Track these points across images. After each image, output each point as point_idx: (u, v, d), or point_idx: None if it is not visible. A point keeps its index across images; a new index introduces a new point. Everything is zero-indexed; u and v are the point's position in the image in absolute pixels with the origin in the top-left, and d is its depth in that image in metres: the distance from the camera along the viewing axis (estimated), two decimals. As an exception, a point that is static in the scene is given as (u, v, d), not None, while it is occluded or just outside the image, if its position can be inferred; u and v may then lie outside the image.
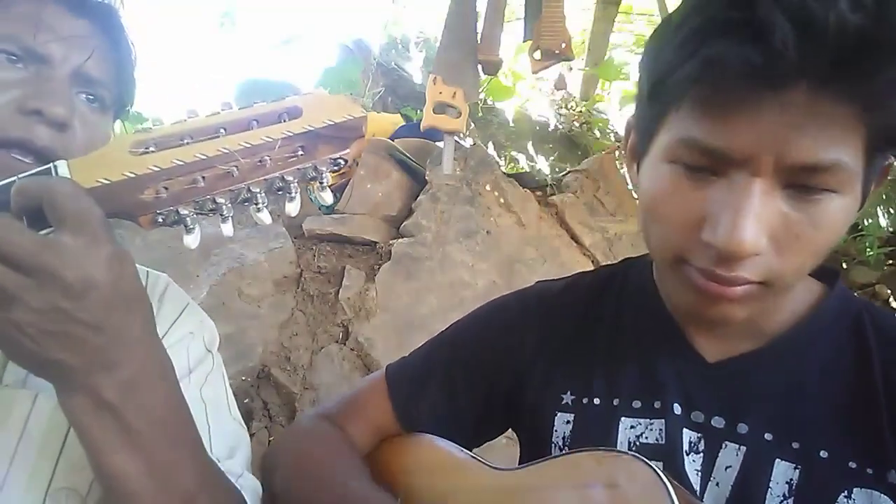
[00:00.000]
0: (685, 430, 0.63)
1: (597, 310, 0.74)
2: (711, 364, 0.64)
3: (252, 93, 2.88)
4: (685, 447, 0.62)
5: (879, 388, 0.59)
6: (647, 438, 0.64)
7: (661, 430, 0.64)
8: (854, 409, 0.59)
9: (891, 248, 3.00)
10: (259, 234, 2.21)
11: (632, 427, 0.65)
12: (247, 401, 1.96)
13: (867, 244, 2.99)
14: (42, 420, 0.61)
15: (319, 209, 2.39)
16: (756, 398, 0.62)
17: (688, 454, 0.62)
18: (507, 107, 3.92)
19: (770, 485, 0.59)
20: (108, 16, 0.67)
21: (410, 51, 3.84)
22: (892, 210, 3.29)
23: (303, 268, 2.25)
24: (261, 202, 0.49)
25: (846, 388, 0.60)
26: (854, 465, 0.57)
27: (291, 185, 0.49)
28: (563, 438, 0.69)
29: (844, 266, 2.92)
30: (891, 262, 3.02)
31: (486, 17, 2.42)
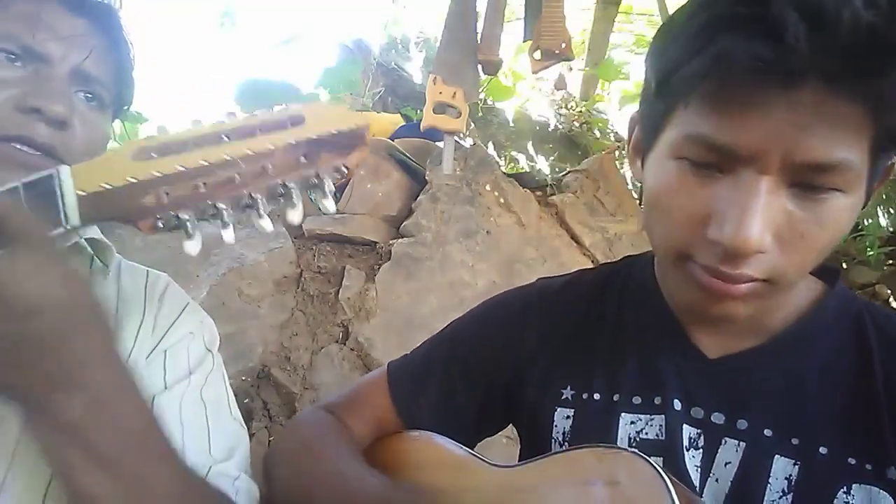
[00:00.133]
0: (685, 426, 0.63)
1: (598, 307, 0.74)
2: (712, 360, 0.64)
3: (252, 93, 2.87)
4: (685, 443, 0.62)
5: (879, 386, 0.59)
6: (648, 434, 0.64)
7: (662, 426, 0.64)
8: (854, 406, 0.59)
9: (891, 248, 3.00)
10: (259, 235, 2.21)
11: (632, 423, 0.65)
12: (247, 401, 1.96)
13: (867, 244, 2.99)
14: None
15: (319, 209, 2.39)
16: (756, 394, 0.62)
17: (687, 450, 0.62)
18: (507, 107, 3.91)
19: (769, 481, 0.59)
20: (107, 15, 0.67)
21: (410, 51, 3.84)
22: (892, 210, 3.29)
23: (303, 268, 2.25)
24: (262, 209, 0.49)
25: (846, 385, 0.60)
26: (853, 462, 0.57)
27: (293, 193, 0.49)
28: (563, 434, 0.69)
29: (844, 266, 2.92)
30: (891, 262, 3.02)
31: (486, 17, 2.42)
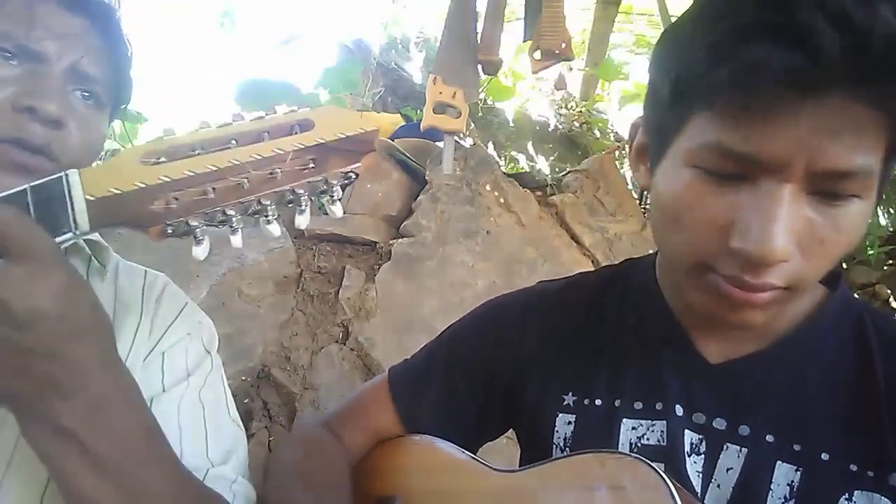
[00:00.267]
0: (687, 432, 0.63)
1: (599, 310, 0.73)
2: (714, 365, 0.64)
3: (252, 93, 2.87)
4: (687, 449, 0.62)
5: (881, 391, 0.59)
6: (649, 440, 0.64)
7: (663, 432, 0.63)
8: (855, 412, 0.59)
9: (891, 248, 3.00)
10: (259, 235, 2.20)
11: (633, 428, 0.65)
12: (247, 401, 1.96)
13: (867, 244, 2.98)
14: None
15: (319, 209, 2.39)
16: (758, 400, 0.61)
17: (689, 456, 0.62)
18: (507, 107, 3.91)
19: (771, 487, 0.58)
20: (104, 13, 0.67)
21: (410, 51, 3.84)
22: (892, 210, 3.29)
23: (303, 268, 2.25)
24: (270, 214, 0.49)
25: (848, 391, 0.60)
26: (855, 468, 0.57)
27: (302, 198, 0.49)
28: (565, 439, 0.69)
29: (844, 266, 2.91)
30: (891, 262, 3.02)
31: (486, 17, 2.42)
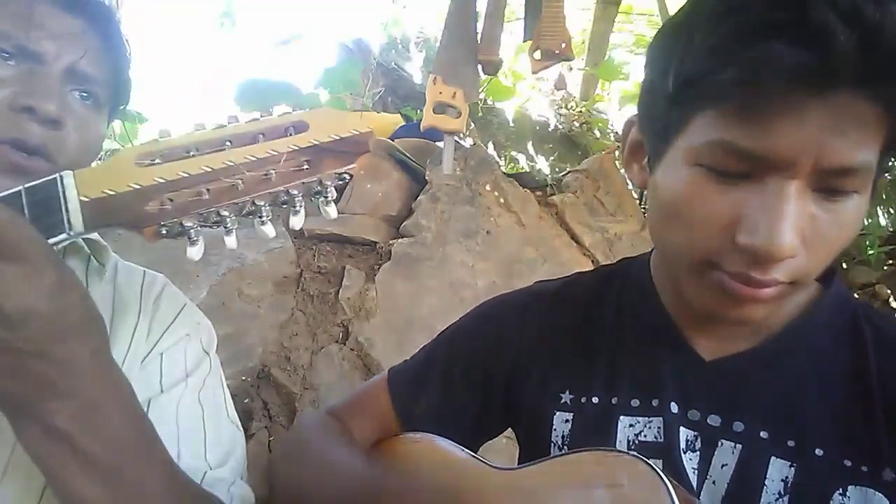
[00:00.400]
0: (682, 429, 0.63)
1: (595, 309, 0.74)
2: (708, 362, 0.64)
3: (252, 93, 2.87)
4: (682, 445, 0.62)
5: (875, 387, 0.59)
6: (646, 437, 0.64)
7: (660, 428, 0.64)
8: (849, 408, 0.59)
9: (891, 248, 3.00)
10: (258, 235, 2.20)
11: (631, 425, 0.65)
12: (247, 401, 1.96)
13: (867, 244, 2.99)
14: None
15: (318, 209, 2.39)
16: (752, 396, 0.62)
17: (685, 452, 0.62)
18: (507, 107, 3.91)
19: (766, 482, 0.59)
20: (102, 13, 0.67)
21: (410, 51, 3.84)
22: (892, 210, 3.29)
23: (303, 268, 2.25)
24: (265, 215, 0.49)
25: (841, 387, 0.60)
26: (849, 463, 0.57)
27: (296, 199, 0.49)
28: (563, 437, 0.69)
29: (844, 266, 2.91)
30: (891, 262, 3.02)
31: (486, 17, 2.42)
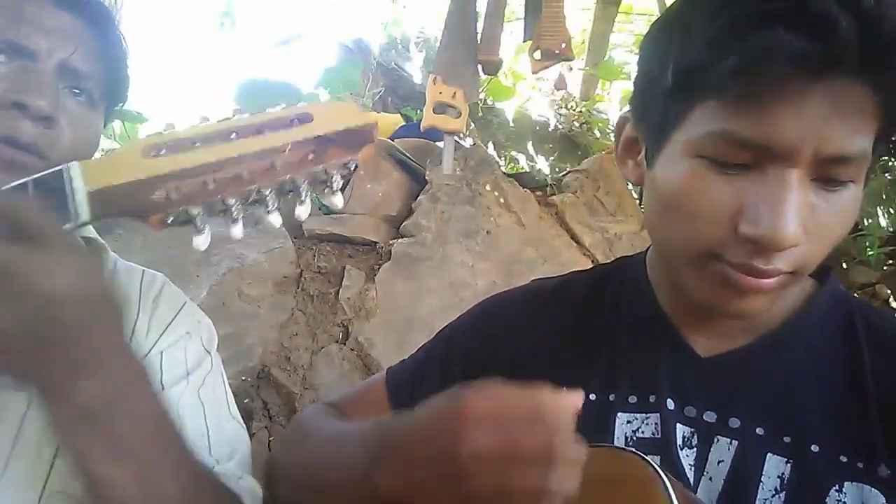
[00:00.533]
0: (678, 425, 0.63)
1: (593, 307, 0.74)
2: (704, 359, 0.64)
3: (252, 93, 2.87)
4: (679, 442, 0.62)
5: (869, 384, 0.59)
6: (644, 433, 0.64)
7: (657, 425, 0.64)
8: (845, 404, 0.59)
9: (891, 248, 3.00)
10: (259, 234, 2.21)
11: (628, 422, 0.65)
12: (247, 401, 1.96)
13: (867, 244, 2.99)
14: (37, 423, 0.60)
15: (319, 209, 2.39)
16: (747, 393, 0.62)
17: (682, 449, 0.62)
18: (507, 107, 3.92)
19: (762, 479, 0.58)
20: (96, 9, 0.66)
21: (410, 51, 3.84)
22: (892, 210, 3.28)
23: (303, 268, 2.25)
24: (271, 205, 0.49)
25: (836, 383, 0.60)
26: (845, 460, 0.57)
27: (301, 189, 0.49)
28: None
29: (844, 266, 2.91)
30: (891, 262, 3.02)
31: (486, 17, 2.42)
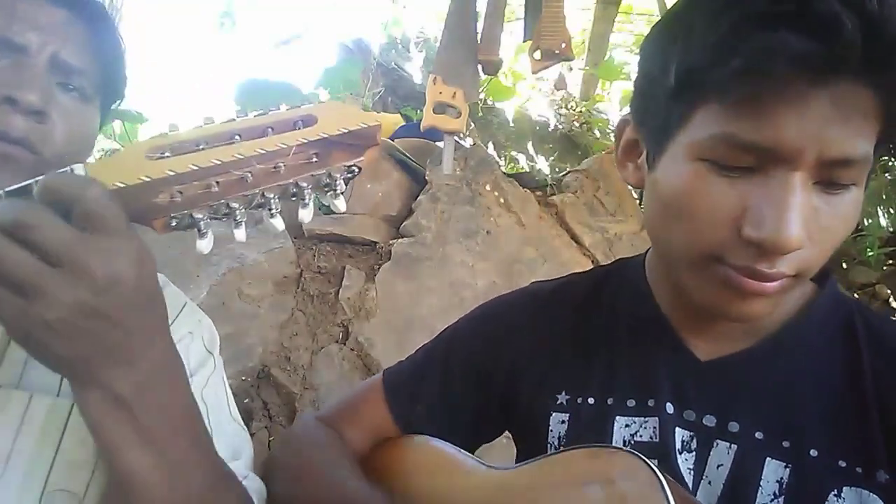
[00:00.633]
0: (677, 429, 0.63)
1: (591, 309, 0.74)
2: (703, 363, 0.64)
3: (252, 93, 2.87)
4: (678, 446, 0.62)
5: (869, 388, 0.59)
6: (642, 437, 0.64)
7: (655, 428, 0.63)
8: (844, 409, 0.59)
9: (891, 248, 3.01)
10: (259, 234, 2.21)
11: (627, 426, 0.65)
12: (247, 401, 1.96)
13: (867, 244, 2.99)
14: (37, 421, 0.60)
15: (319, 209, 2.39)
16: (747, 397, 0.62)
17: (680, 453, 0.62)
18: (507, 107, 3.92)
19: (761, 483, 0.58)
20: (88, 4, 0.66)
21: (410, 51, 3.84)
22: (892, 210, 3.28)
23: (303, 268, 2.25)
24: (274, 208, 0.49)
25: (836, 388, 0.60)
26: (844, 464, 0.57)
27: (305, 192, 0.49)
28: (559, 438, 0.69)
29: (844, 266, 2.92)
30: (891, 262, 3.02)
31: (486, 17, 2.42)
